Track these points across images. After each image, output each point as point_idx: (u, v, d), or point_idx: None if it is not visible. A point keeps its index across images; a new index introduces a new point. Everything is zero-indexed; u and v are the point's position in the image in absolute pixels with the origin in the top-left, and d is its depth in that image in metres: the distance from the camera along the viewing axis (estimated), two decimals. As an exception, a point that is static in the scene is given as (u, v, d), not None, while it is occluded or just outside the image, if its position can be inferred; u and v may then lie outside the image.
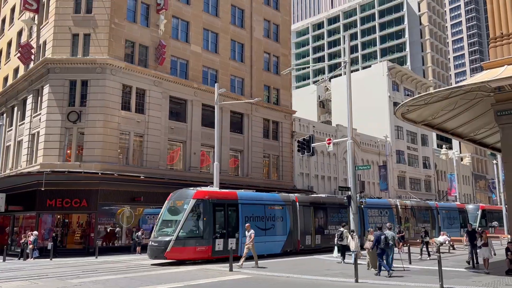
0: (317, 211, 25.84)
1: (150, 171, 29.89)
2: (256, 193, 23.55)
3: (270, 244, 22.33)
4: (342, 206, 26.20)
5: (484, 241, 15.75)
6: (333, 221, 26.39)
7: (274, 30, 42.46)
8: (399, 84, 61.26)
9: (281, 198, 24.13)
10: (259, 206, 22.43)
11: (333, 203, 27.15)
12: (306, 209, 25.02)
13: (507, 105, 14.72)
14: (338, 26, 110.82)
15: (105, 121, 28.55)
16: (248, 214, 21.64)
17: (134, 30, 31.11)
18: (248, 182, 35.13)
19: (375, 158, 53.53)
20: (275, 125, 40.76)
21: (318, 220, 25.76)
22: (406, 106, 16.05)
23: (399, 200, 33.44)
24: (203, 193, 20.47)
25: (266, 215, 22.54)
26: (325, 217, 26.13)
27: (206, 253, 19.80)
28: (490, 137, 21.34)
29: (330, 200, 27.44)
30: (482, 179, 79.57)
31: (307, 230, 24.78)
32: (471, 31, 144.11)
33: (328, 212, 26.44)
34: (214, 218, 20.30)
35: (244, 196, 22.10)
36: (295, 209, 24.29)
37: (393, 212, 30.94)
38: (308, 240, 24.79)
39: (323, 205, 26.50)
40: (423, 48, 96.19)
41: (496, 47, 15.14)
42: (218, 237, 20.23)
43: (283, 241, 23.29)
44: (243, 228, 20.13)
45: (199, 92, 34.10)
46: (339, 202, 27.03)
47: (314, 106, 67.43)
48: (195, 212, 20.00)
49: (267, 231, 22.36)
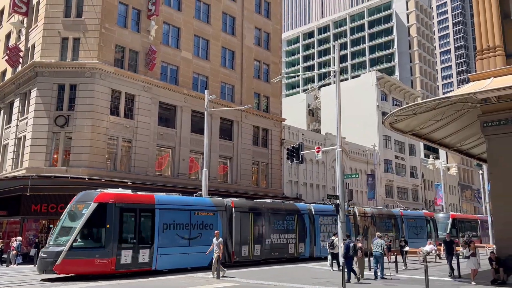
0: (257, 218, 23.14)
1: (138, 177, 29.64)
2: (181, 197, 20.80)
3: (196, 256, 19.48)
4: (289, 213, 24.78)
5: (472, 251, 15.84)
6: (277, 229, 23.84)
7: (265, 38, 42.68)
8: (387, 94, 61.91)
9: (212, 203, 21.49)
10: (183, 212, 19.78)
11: (278, 209, 24.60)
12: (244, 216, 22.34)
13: (493, 117, 14.95)
14: (328, 36, 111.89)
15: (93, 126, 28.29)
16: (168, 221, 18.96)
17: (125, 35, 31.00)
18: (236, 189, 35.03)
19: (363, 166, 53.85)
20: (265, 133, 40.82)
21: (259, 228, 23.06)
22: (394, 116, 16.21)
23: (357, 207, 31.35)
24: (107, 195, 17.67)
25: (191, 223, 19.85)
26: (267, 225, 23.43)
27: (109, 266, 16.85)
28: (476, 148, 21.64)
29: (274, 206, 24.65)
30: (468, 189, 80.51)
31: (244, 239, 22.07)
32: (459, 43, 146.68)
33: (272, 219, 23.75)
34: (121, 225, 17.54)
35: (164, 200, 19.35)
36: (229, 216, 21.68)
37: (349, 220, 27.83)
38: (244, 251, 22.08)
39: (265, 212, 23.68)
40: (411, 59, 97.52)
41: (482, 60, 15.41)
42: (125, 248, 17.39)
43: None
44: (163, 237, 18.44)
45: (189, 98, 34.03)
46: (286, 208, 25.19)
47: (303, 114, 67.79)
48: (96, 217, 17.11)
49: (192, 241, 19.70)
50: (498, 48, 15.07)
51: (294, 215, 25.06)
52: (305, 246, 25.30)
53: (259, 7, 42.33)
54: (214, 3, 37.74)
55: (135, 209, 18.18)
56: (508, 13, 15.41)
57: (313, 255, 25.69)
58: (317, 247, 26.00)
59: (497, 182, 15.07)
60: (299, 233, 24.91)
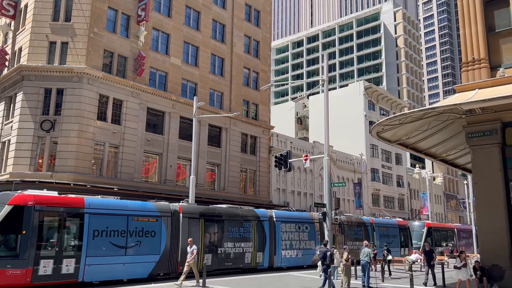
0: (210, 224, 21.28)
1: (124, 183, 29.36)
2: (118, 200, 18.87)
3: (133, 266, 17.72)
4: (246, 219, 22.98)
5: (463, 262, 15.90)
6: (232, 237, 22.05)
7: (255, 46, 42.89)
8: (375, 103, 62.56)
9: (155, 207, 19.42)
10: (119, 217, 17.81)
11: (233, 215, 22.63)
12: (194, 222, 20.51)
13: (477, 128, 15.19)
14: (317, 45, 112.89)
15: (80, 131, 28.00)
16: (100, 227, 17.03)
17: (114, 40, 30.85)
18: (224, 196, 34.90)
19: (350, 175, 54.15)
20: (253, 140, 40.85)
21: (211, 235, 21.26)
22: (381, 126, 16.36)
23: None
24: (25, 197, 15.72)
25: (129, 229, 17.90)
26: (221, 232, 21.61)
27: (23, 278, 14.85)
28: (461, 158, 21.93)
29: (230, 212, 22.69)
30: (453, 199, 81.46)
31: None
32: (445, 54, 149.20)
33: (227, 226, 21.92)
34: (41, 231, 15.66)
35: (96, 204, 17.39)
36: (176, 222, 19.75)
37: (315, 228, 26.70)
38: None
39: (219, 218, 21.82)
40: (398, 70, 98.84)
41: (468, 71, 15.68)
42: (45, 257, 15.46)
43: (153, 262, 18.51)
44: (94, 245, 16.63)
45: (177, 104, 33.93)
46: (243, 214, 23.12)
47: (292, 122, 68.08)
48: (10, 222, 15.15)
49: (129, 250, 17.74)
50: (483, 61, 15.37)
51: (252, 221, 23.24)
52: (264, 256, 23.42)
53: (249, 15, 42.57)
54: (204, 10, 37.85)
55: (59, 213, 16.34)
56: (492, 27, 15.75)
57: (273, 265, 23.93)
58: (277, 257, 24.22)
59: (481, 192, 15.27)
60: (257, 241, 23.09)
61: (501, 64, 15.22)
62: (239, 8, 41.27)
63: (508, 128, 14.83)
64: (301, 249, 25.58)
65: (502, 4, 15.44)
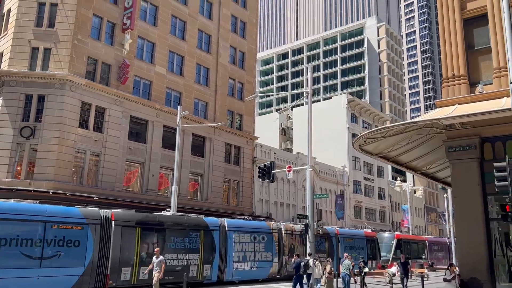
0: (148, 234, 19.33)
1: (105, 192, 28.90)
2: (33, 205, 16.97)
3: (50, 280, 15.76)
4: (193, 229, 20.95)
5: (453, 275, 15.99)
6: (176, 247, 20.10)
7: (240, 57, 43.10)
8: (357, 116, 63.34)
9: (82, 214, 17.37)
10: (34, 224, 15.79)
11: (178, 224, 20.65)
12: (129, 231, 18.49)
13: (457, 142, 15.48)
14: (301, 58, 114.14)
15: (61, 138, 27.53)
16: (8, 235, 15.00)
17: (98, 47, 30.61)
18: (206, 207, 34.66)
19: (333, 187, 54.46)
20: (237, 150, 40.79)
21: (149, 246, 19.19)
22: (363, 138, 16.53)
23: (284, 224, 27.19)
24: None
25: (46, 238, 15.91)
26: (161, 243, 19.62)
27: None
28: (441, 172, 22.28)
29: (173, 220, 20.73)
30: (433, 212, 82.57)
31: (125, 260, 18.15)
32: (426, 70, 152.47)
33: (169, 236, 19.99)
34: None
35: (4, 209, 15.43)
36: (106, 231, 17.76)
37: (273, 238, 24.96)
38: (125, 274, 18.09)
39: (159, 227, 19.85)
40: (381, 84, 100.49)
41: (448, 87, 16.03)
42: None
43: (76, 275, 16.54)
44: (2, 256, 14.89)
45: (161, 113, 33.73)
46: (189, 223, 21.07)
47: (276, 133, 68.33)
48: None
49: (45, 262, 15.75)
50: (463, 77, 15.74)
51: (200, 231, 21.28)
52: (212, 268, 21.50)
53: (235, 26, 42.83)
54: (190, 20, 37.93)
55: None
56: (472, 44, 16.18)
57: (222, 279, 22.20)
58: (228, 269, 22.32)
59: (461, 206, 15.51)
60: (205, 253, 21.16)
61: (480, 81, 15.61)
62: (225, 19, 41.51)
63: (486, 143, 15.15)
64: (257, 261, 23.84)
65: (481, 23, 15.89)
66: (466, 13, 16.17)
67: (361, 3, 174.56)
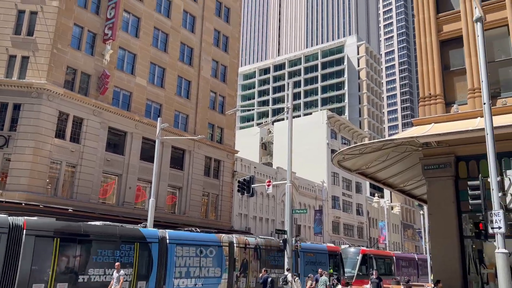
0: (68, 245, 16.76)
1: (80, 204, 28.23)
2: None
3: None
4: (126, 241, 18.49)
5: None
6: (103, 261, 17.53)
7: (222, 70, 43.24)
8: (337, 132, 64.11)
9: None
10: None
11: (107, 235, 18.12)
12: (43, 242, 15.98)
13: (433, 160, 15.80)
14: (283, 73, 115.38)
15: (36, 148, 26.87)
16: None
17: (78, 57, 30.23)
18: (184, 221, 34.20)
19: (312, 202, 54.63)
20: (217, 164, 40.59)
21: (69, 260, 16.75)
22: (342, 155, 16.71)
23: (237, 236, 24.34)
24: None
25: None
26: (85, 256, 17.07)
27: None
28: (417, 189, 22.65)
29: (102, 231, 18.12)
30: (410, 228, 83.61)
31: (37, 276, 15.58)
32: (404, 88, 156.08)
33: (95, 248, 17.45)
34: None
35: None
36: (15, 241, 15.23)
37: (222, 252, 22.42)
38: None
39: (84, 238, 17.27)
40: (360, 101, 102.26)
41: (424, 106, 16.42)
42: None
43: None
44: None
45: (140, 125, 33.37)
46: (122, 234, 18.58)
47: (256, 147, 68.42)
48: None
49: None
50: (439, 97, 16.16)
51: (135, 243, 18.83)
52: (148, 285, 19.12)
53: (218, 40, 43.05)
54: (173, 33, 37.95)
55: None
56: (448, 65, 16.66)
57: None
58: (168, 287, 19.87)
59: (436, 223, 15.75)
60: (140, 268, 18.67)
61: (455, 101, 16.06)
62: (208, 33, 41.69)
63: (461, 162, 15.51)
64: (202, 278, 21.50)
65: (456, 45, 16.42)
66: (442, 35, 16.69)
67: (342, 22, 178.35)
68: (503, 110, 14.29)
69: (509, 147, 13.69)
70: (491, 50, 15.11)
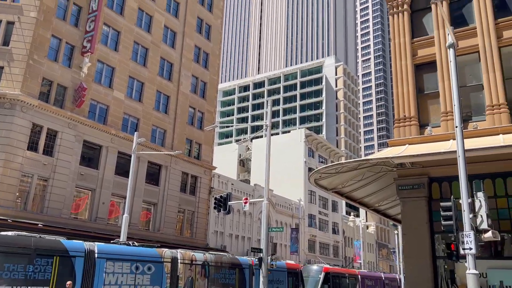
0: None
1: (51, 219, 27.36)
2: None
3: None
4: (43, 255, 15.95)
5: None
6: (11, 278, 15.03)
7: (202, 87, 43.25)
8: (314, 151, 64.66)
9: None
10: None
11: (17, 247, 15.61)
12: None
13: (407, 181, 16.06)
14: (262, 91, 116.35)
15: (6, 160, 26.04)
16: None
17: (54, 69, 29.73)
18: (159, 238, 33.55)
19: (288, 220, 54.55)
20: (194, 180, 40.20)
21: None
22: (319, 173, 16.81)
23: (181, 251, 21.89)
24: None
25: None
26: None
27: None
28: (392, 209, 22.93)
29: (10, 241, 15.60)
30: (384, 248, 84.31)
31: None
32: (380, 109, 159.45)
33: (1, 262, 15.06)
34: None
35: None
36: None
37: (163, 269, 20.16)
38: None
39: None
40: (337, 120, 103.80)
41: (399, 127, 16.77)
42: None
43: None
44: None
45: (116, 139, 32.86)
46: (38, 247, 16.04)
47: (234, 164, 68.25)
48: None
49: None
50: (413, 119, 16.55)
51: (54, 257, 16.34)
52: None
53: (198, 56, 43.18)
54: (153, 47, 37.87)
55: None
56: (422, 89, 17.14)
57: None
58: None
59: (409, 243, 15.92)
60: (59, 286, 16.12)
61: (429, 123, 16.45)
62: (188, 49, 41.78)
63: (434, 183, 15.81)
64: None
65: (430, 69, 16.93)
66: (417, 59, 17.20)
67: (321, 43, 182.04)
68: (474, 133, 14.72)
69: (480, 170, 14.05)
70: (463, 75, 15.64)
